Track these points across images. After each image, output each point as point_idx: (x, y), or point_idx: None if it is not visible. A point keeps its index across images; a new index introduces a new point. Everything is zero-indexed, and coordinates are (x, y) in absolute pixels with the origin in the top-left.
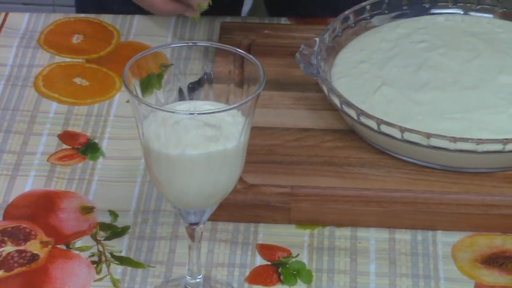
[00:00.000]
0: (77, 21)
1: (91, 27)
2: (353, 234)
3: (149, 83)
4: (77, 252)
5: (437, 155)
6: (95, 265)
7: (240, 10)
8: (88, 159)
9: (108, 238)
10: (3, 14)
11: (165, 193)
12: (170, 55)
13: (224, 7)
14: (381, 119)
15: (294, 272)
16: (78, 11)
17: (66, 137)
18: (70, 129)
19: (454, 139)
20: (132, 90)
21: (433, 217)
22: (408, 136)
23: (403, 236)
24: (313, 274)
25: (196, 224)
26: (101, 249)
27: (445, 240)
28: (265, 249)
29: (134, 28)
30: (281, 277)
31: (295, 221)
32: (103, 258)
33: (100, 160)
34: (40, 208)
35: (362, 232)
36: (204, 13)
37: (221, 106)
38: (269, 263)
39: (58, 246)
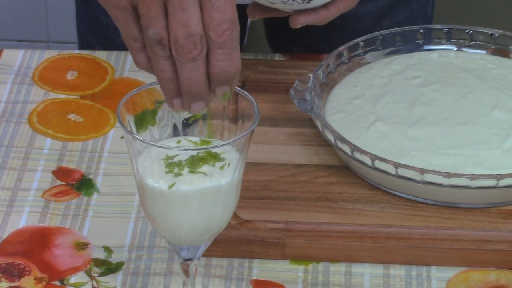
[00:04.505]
0: (71, 58)
1: (85, 64)
2: (348, 270)
3: (143, 119)
4: None
5: (431, 190)
6: None
7: (241, 46)
8: (83, 195)
9: (102, 274)
10: None
11: (159, 229)
12: None
13: None
14: (375, 155)
15: None
16: (83, 47)
17: (61, 173)
18: (64, 165)
19: (448, 175)
20: (126, 126)
21: (427, 253)
22: (402, 171)
23: (398, 271)
24: None
25: (191, 260)
26: (95, 285)
27: (439, 275)
28: (260, 285)
29: (128, 64)
30: None
31: (290, 257)
32: None
33: (95, 196)
34: (34, 244)
35: (356, 268)
36: None
37: (216, 142)
38: None
39: (53, 282)
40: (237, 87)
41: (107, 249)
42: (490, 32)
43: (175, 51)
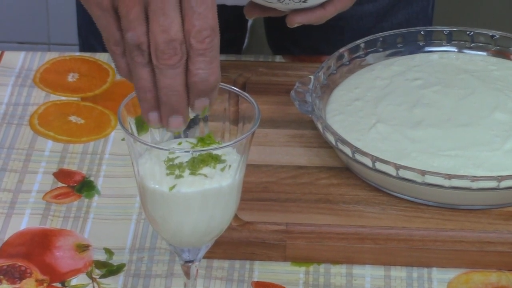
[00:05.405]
0: (72, 60)
1: (86, 66)
2: (349, 271)
3: (144, 121)
4: None
5: (432, 192)
6: None
7: (241, 47)
8: (84, 197)
9: (103, 276)
10: None
11: (160, 230)
12: None
13: (225, 44)
14: (376, 157)
15: None
16: (83, 47)
17: (62, 175)
18: (65, 167)
19: (449, 176)
20: (127, 128)
21: (428, 254)
22: (403, 173)
23: (399, 273)
24: None
25: (192, 261)
26: (96, 287)
27: (440, 277)
28: (261, 287)
29: None
30: None
31: (291, 259)
32: None
33: (96, 198)
34: (35, 246)
35: (357, 269)
36: None
37: (216, 144)
38: None
39: (54, 284)
40: (237, 89)
41: (108, 251)
42: (491, 34)
43: (154, 57)
